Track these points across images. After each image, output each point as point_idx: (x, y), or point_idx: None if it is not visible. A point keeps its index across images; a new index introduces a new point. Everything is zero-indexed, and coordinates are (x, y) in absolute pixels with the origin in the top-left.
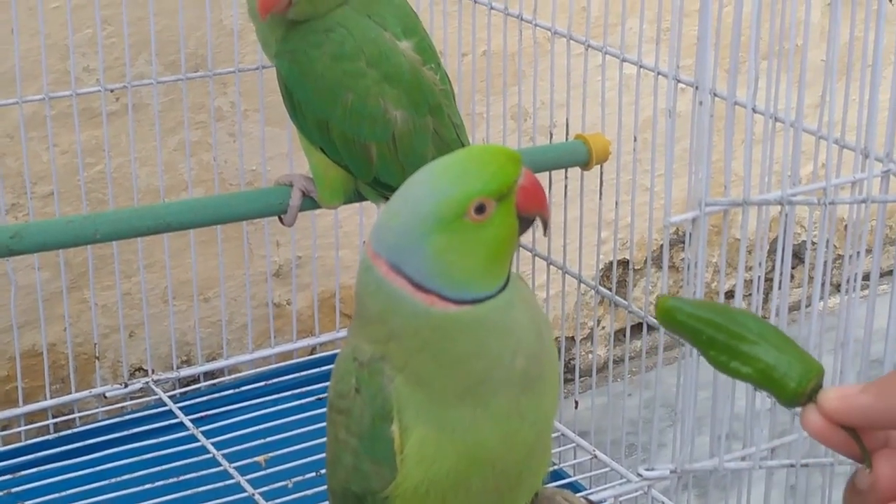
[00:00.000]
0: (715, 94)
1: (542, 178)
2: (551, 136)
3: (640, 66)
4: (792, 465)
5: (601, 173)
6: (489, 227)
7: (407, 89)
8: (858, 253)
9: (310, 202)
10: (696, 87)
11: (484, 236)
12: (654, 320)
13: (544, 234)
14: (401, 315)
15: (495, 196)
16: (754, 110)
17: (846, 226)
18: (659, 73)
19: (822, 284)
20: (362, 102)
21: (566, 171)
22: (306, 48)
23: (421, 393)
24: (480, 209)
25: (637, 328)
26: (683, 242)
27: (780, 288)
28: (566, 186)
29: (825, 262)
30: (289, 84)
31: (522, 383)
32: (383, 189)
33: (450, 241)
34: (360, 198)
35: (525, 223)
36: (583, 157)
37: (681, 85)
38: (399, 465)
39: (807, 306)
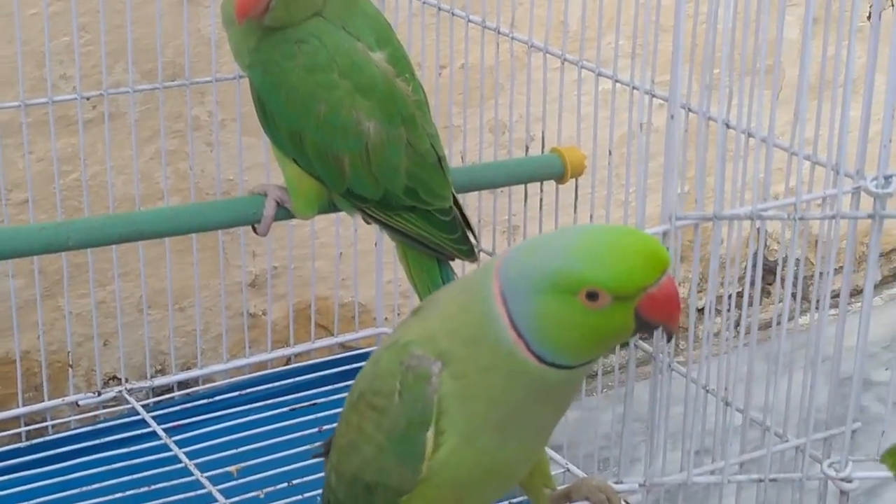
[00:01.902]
0: (689, 110)
1: (518, 190)
2: (527, 150)
3: (616, 81)
4: (761, 480)
5: (576, 187)
6: (597, 317)
7: (380, 100)
8: (830, 271)
9: (284, 212)
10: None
11: (588, 322)
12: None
13: (668, 341)
14: (489, 335)
15: (613, 293)
16: (727, 125)
17: (818, 243)
18: (634, 88)
19: (795, 300)
20: (335, 114)
21: (542, 185)
22: (279, 59)
23: (463, 407)
24: (593, 296)
25: None
26: None
27: (750, 304)
28: (541, 200)
29: (796, 278)
30: (261, 95)
31: (544, 428)
32: (356, 200)
33: (554, 309)
34: (334, 209)
35: (647, 327)
36: (558, 170)
37: (657, 101)
38: (424, 468)
39: (779, 323)
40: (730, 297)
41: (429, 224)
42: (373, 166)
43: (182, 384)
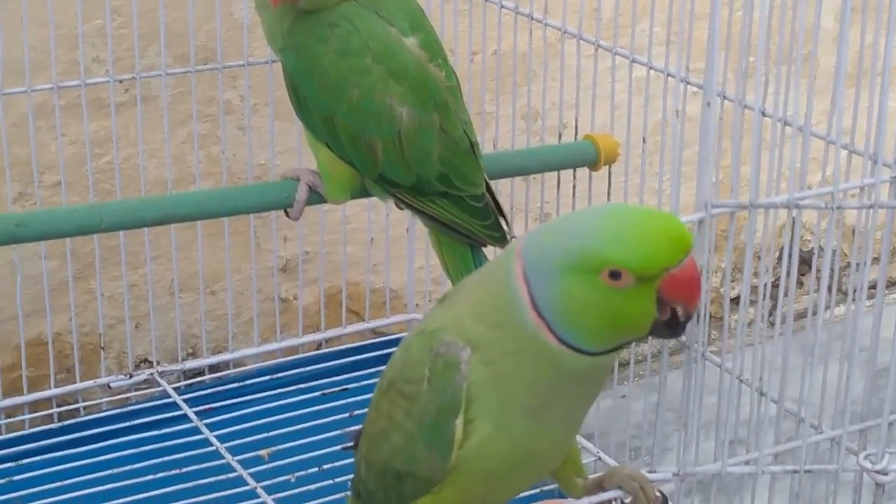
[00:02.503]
0: (725, 97)
1: (550, 178)
2: (560, 137)
3: (650, 68)
4: (795, 471)
5: (609, 175)
6: (619, 297)
7: (412, 86)
8: (867, 261)
9: (316, 197)
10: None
11: (610, 302)
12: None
13: (685, 324)
14: (514, 319)
15: (635, 273)
16: (763, 113)
17: (855, 233)
18: (669, 75)
19: (830, 291)
20: (368, 99)
21: (574, 172)
22: (312, 43)
23: (493, 393)
24: (616, 276)
25: None
26: None
27: (786, 294)
28: (574, 187)
29: (832, 269)
30: (294, 79)
31: (575, 416)
32: (389, 185)
33: (577, 288)
34: (366, 194)
35: (667, 310)
36: (591, 157)
37: (693, 89)
38: (454, 457)
39: (814, 314)
40: (764, 286)
41: (461, 210)
42: (405, 152)
43: (213, 368)
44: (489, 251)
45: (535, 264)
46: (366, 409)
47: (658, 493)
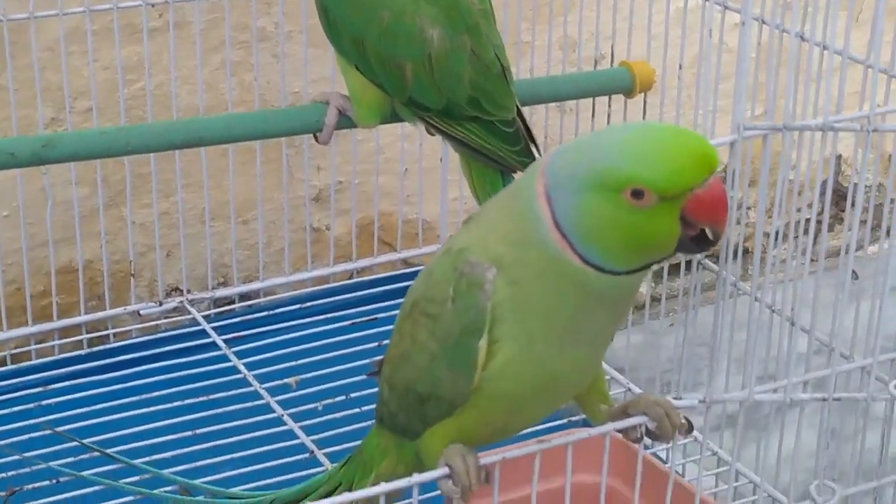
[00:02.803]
0: (763, 22)
1: (585, 105)
2: (596, 66)
3: None
4: (824, 399)
5: (644, 105)
6: (642, 216)
7: (443, 7)
8: None
9: (346, 121)
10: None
11: (632, 221)
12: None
13: (713, 245)
14: (536, 238)
15: (658, 192)
16: (802, 38)
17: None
18: (707, 0)
19: (866, 226)
20: (398, 20)
21: (609, 101)
22: None
23: (518, 314)
24: (638, 194)
25: (676, 267)
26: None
27: (819, 230)
28: (609, 117)
29: (866, 204)
30: (325, 2)
31: (600, 340)
32: (419, 109)
33: (599, 207)
34: (396, 118)
35: (694, 230)
36: (627, 84)
37: (732, 20)
38: (477, 378)
39: (847, 252)
40: (797, 223)
41: (491, 135)
42: (435, 74)
43: (243, 297)
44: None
45: (558, 182)
46: None
47: (684, 420)
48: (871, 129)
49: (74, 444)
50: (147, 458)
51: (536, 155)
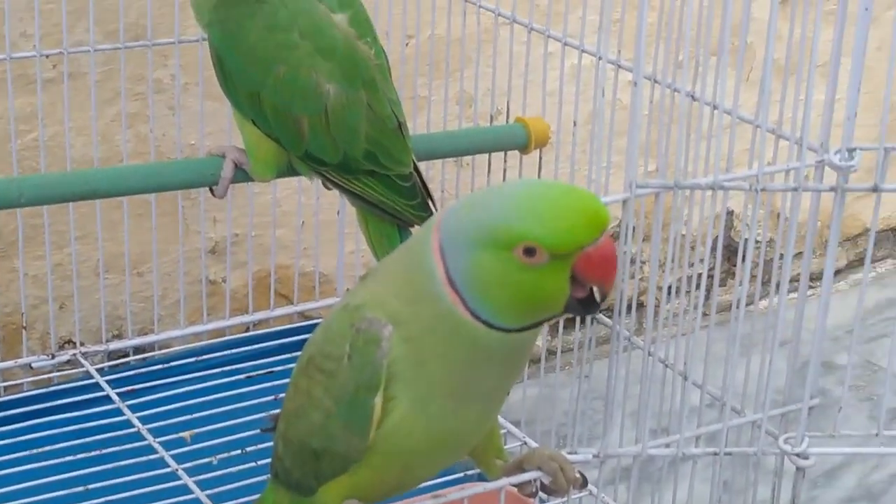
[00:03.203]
0: (655, 81)
1: (481, 160)
2: (492, 122)
3: (583, 51)
4: (716, 454)
5: (540, 161)
6: (533, 274)
7: (340, 62)
8: (789, 246)
9: (242, 174)
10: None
11: (523, 279)
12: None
13: (600, 303)
14: (430, 293)
15: (549, 249)
16: (692, 97)
17: (780, 219)
18: (600, 58)
19: (756, 281)
20: (294, 75)
21: (505, 157)
22: (238, 17)
23: (413, 372)
24: (530, 252)
25: (571, 320)
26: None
27: (710, 286)
28: (505, 172)
29: (756, 260)
30: (220, 53)
31: (494, 396)
32: (315, 163)
33: (490, 263)
34: (293, 172)
35: (584, 290)
36: (522, 139)
37: (626, 78)
38: (372, 435)
39: (747, 304)
40: (689, 278)
41: (388, 189)
42: (332, 129)
43: (138, 350)
44: None
45: (451, 238)
46: None
47: (578, 475)
48: (760, 188)
49: None
50: None
51: (433, 209)
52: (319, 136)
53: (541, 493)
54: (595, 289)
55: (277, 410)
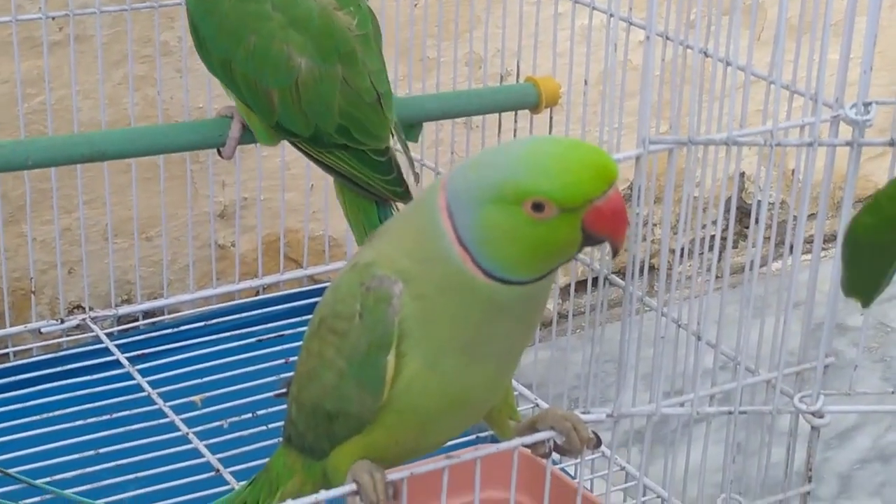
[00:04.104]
0: (667, 38)
1: (491, 121)
2: (502, 83)
3: (594, 9)
4: (730, 412)
5: (551, 121)
6: (543, 228)
7: (314, 35)
8: (804, 204)
9: (250, 135)
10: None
11: (533, 233)
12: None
13: (613, 258)
14: (439, 252)
15: (558, 204)
16: (705, 54)
17: (794, 177)
18: (611, 16)
19: (770, 243)
20: (265, 46)
21: (516, 117)
22: None
23: (424, 329)
24: (538, 207)
25: (583, 283)
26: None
27: (723, 247)
28: (515, 133)
29: (771, 218)
30: (195, 19)
31: (509, 354)
32: (286, 135)
33: (499, 219)
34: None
35: (593, 240)
36: (532, 99)
37: (637, 37)
38: (385, 394)
39: (760, 266)
40: (702, 240)
41: (361, 163)
42: (303, 103)
43: (147, 314)
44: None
45: (458, 196)
46: None
47: (592, 435)
48: (775, 143)
49: None
50: (49, 478)
51: (413, 186)
52: (290, 109)
53: (554, 454)
54: (607, 242)
55: (291, 373)
